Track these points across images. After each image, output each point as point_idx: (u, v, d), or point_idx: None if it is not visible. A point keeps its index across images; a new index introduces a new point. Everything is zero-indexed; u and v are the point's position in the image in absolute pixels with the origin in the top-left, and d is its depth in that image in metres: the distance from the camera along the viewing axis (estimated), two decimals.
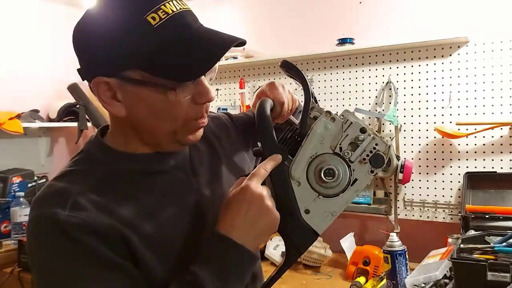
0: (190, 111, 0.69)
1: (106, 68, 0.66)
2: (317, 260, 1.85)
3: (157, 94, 0.66)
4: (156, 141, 0.73)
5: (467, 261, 1.20)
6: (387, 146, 0.68)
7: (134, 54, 0.64)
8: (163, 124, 0.69)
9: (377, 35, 2.01)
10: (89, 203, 0.65)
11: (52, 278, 0.63)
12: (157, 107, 0.67)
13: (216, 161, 0.86)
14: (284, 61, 0.79)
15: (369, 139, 0.68)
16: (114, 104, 0.68)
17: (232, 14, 2.48)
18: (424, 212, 1.93)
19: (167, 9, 0.64)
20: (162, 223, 0.71)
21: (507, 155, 1.76)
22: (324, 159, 0.69)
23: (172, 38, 0.64)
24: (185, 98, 0.67)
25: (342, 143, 0.68)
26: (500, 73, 1.77)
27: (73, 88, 2.79)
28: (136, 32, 0.63)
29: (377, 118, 2.00)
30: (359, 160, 0.68)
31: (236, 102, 2.42)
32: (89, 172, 0.70)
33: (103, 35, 0.65)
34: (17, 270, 1.95)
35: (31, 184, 2.40)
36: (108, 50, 0.65)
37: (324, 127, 0.69)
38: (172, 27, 0.64)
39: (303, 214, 0.69)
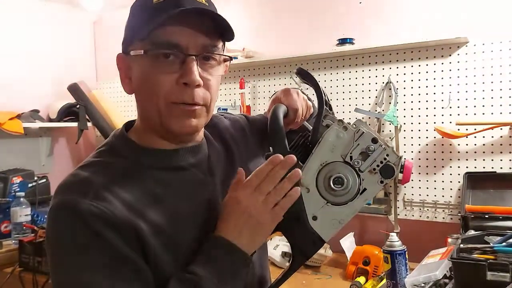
0: (172, 91, 0.70)
1: (124, 44, 0.75)
2: (317, 260, 1.85)
3: (144, 62, 0.71)
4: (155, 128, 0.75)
5: (467, 261, 1.21)
6: (398, 158, 0.69)
7: (136, 28, 0.72)
8: (149, 102, 0.72)
9: (377, 35, 2.01)
10: (110, 194, 0.67)
11: (66, 263, 0.65)
12: (144, 78, 0.72)
13: (232, 163, 0.87)
14: (299, 68, 0.81)
15: (380, 149, 0.68)
16: (125, 82, 0.76)
17: (232, 14, 2.48)
18: (424, 212, 1.93)
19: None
20: (175, 219, 0.72)
21: (507, 155, 1.76)
22: (334, 167, 0.69)
23: (161, 11, 0.68)
24: (167, 72, 0.70)
25: (353, 152, 0.69)
26: (500, 73, 1.77)
27: (73, 88, 2.80)
28: (140, 9, 0.72)
29: (377, 118, 2.00)
30: (369, 170, 0.69)
31: (236, 102, 2.42)
32: (112, 164, 0.73)
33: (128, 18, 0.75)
34: (18, 270, 1.95)
35: (31, 184, 2.40)
36: (126, 29, 0.75)
37: (336, 136, 0.70)
38: (166, 4, 0.69)
39: (310, 220, 0.69)
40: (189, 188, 0.77)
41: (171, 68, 0.70)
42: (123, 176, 0.71)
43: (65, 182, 0.70)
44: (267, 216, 0.68)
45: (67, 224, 0.65)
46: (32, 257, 1.90)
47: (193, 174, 0.78)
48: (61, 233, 0.66)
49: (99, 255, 0.64)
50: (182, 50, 0.69)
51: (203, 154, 0.81)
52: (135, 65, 0.73)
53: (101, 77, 3.07)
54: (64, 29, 2.92)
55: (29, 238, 1.97)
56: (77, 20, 3.00)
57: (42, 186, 2.45)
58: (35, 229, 2.02)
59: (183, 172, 0.77)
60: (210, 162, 0.82)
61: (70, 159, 2.94)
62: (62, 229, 0.66)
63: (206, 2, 0.72)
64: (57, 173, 2.72)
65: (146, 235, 0.67)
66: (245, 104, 2.35)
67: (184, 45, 0.69)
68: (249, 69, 2.39)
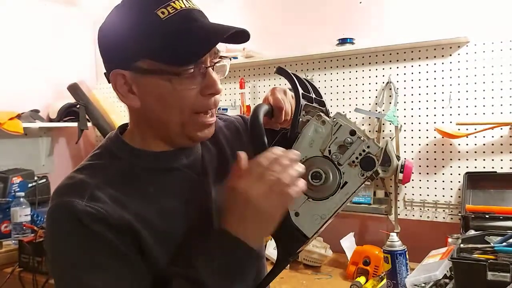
0: (197, 103, 0.72)
1: (121, 60, 0.72)
2: (317, 260, 1.85)
3: (164, 82, 0.70)
4: (167, 135, 0.76)
5: (467, 261, 1.21)
6: (380, 149, 0.68)
7: (144, 45, 0.69)
8: (171, 115, 0.72)
9: (377, 35, 2.01)
10: (106, 196, 0.69)
11: (65, 263, 0.66)
12: (165, 96, 0.71)
13: (224, 164, 0.87)
14: (278, 67, 0.79)
15: (359, 141, 0.67)
16: (129, 97, 0.73)
17: (232, 14, 2.48)
18: (424, 212, 1.93)
19: (176, 6, 0.70)
20: (170, 219, 0.73)
21: (507, 155, 1.76)
22: (314, 163, 0.68)
23: (177, 29, 0.68)
24: (191, 88, 0.71)
25: (331, 146, 0.68)
26: (500, 73, 1.77)
27: (73, 88, 2.80)
28: (146, 25, 0.69)
29: (377, 118, 2.00)
30: (349, 163, 0.68)
31: (236, 102, 2.42)
32: (107, 166, 0.74)
33: (119, 29, 0.72)
34: (18, 270, 1.95)
35: (31, 184, 2.40)
36: (122, 43, 0.71)
37: (314, 131, 0.69)
38: (178, 20, 0.69)
39: (292, 216, 0.69)
40: (182, 188, 0.78)
41: (194, 82, 0.71)
42: (118, 177, 0.73)
43: (62, 185, 0.71)
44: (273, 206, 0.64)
45: (65, 225, 0.67)
46: (32, 257, 1.90)
47: (187, 175, 0.79)
48: (59, 234, 0.68)
49: (97, 254, 0.66)
50: (202, 64, 0.72)
51: (197, 154, 0.83)
52: (144, 82, 0.71)
53: (101, 77, 3.07)
54: (64, 29, 2.92)
55: (29, 238, 1.97)
56: (77, 20, 3.00)
57: (42, 186, 2.45)
58: (35, 229, 2.03)
59: (176, 173, 0.78)
60: (204, 163, 0.83)
61: (70, 159, 2.94)
62: (60, 230, 0.68)
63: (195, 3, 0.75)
64: (57, 173, 2.72)
65: (142, 232, 0.69)
66: (245, 104, 2.35)
67: (205, 59, 0.72)
68: (249, 69, 2.39)
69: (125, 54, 0.71)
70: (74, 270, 0.65)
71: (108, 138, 0.81)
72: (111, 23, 0.74)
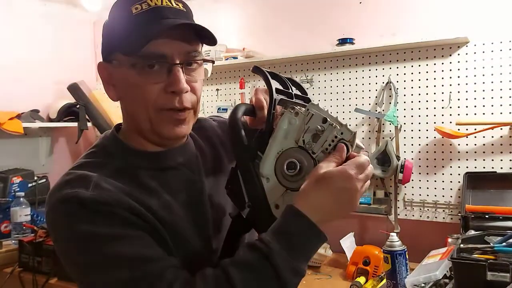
0: (159, 100, 0.73)
1: (104, 53, 0.77)
2: (317, 260, 1.85)
3: (130, 75, 0.72)
4: (143, 132, 0.77)
5: (467, 261, 1.21)
6: (352, 134, 0.68)
7: (116, 38, 0.73)
8: (138, 110, 0.74)
9: (377, 35, 2.01)
10: (109, 185, 0.69)
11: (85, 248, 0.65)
12: (131, 89, 0.73)
13: (219, 165, 0.89)
14: (254, 66, 0.80)
15: (330, 128, 0.67)
16: (110, 89, 0.78)
17: (232, 14, 2.48)
18: (424, 212, 1.93)
19: (151, 3, 0.72)
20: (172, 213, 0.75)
21: (507, 155, 1.76)
22: (290, 154, 0.69)
23: (139, 23, 0.71)
24: (153, 83, 0.72)
25: (305, 136, 0.69)
26: (500, 73, 1.77)
27: (73, 88, 2.80)
28: (120, 19, 0.73)
29: (377, 118, 2.00)
30: (322, 151, 0.68)
31: (236, 102, 2.42)
32: (104, 164, 0.75)
33: (105, 25, 0.77)
34: (18, 270, 1.95)
35: (31, 184, 2.40)
36: (105, 37, 0.77)
37: (288, 123, 0.70)
38: (146, 15, 0.71)
39: (273, 209, 0.69)
40: (180, 186, 0.79)
41: (158, 78, 0.72)
42: (117, 173, 0.74)
43: (61, 182, 0.71)
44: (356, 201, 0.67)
45: (75, 213, 0.66)
46: (32, 257, 1.90)
47: (182, 173, 0.81)
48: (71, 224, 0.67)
49: (115, 228, 0.66)
50: (167, 60, 0.72)
51: (191, 153, 0.85)
52: (119, 75, 0.75)
53: None
54: (64, 29, 2.92)
55: (29, 238, 1.97)
56: (77, 20, 3.00)
57: (42, 186, 2.45)
58: (35, 229, 2.03)
59: (172, 171, 0.80)
60: (198, 162, 0.85)
61: (70, 159, 2.94)
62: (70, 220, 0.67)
63: (183, 7, 0.75)
64: (57, 173, 2.71)
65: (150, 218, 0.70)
66: None
67: (169, 55, 0.72)
68: (249, 69, 2.38)
69: (106, 48, 0.77)
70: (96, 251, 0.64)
71: (103, 137, 0.81)
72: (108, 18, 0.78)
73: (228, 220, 0.78)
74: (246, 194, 0.70)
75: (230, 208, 0.83)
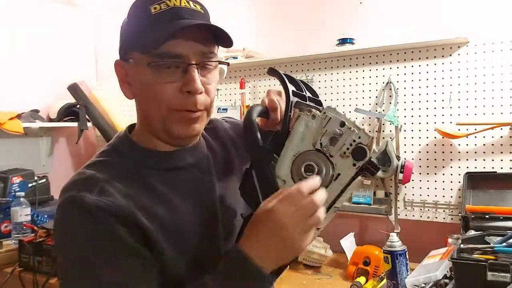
0: (174, 99, 0.73)
1: (121, 51, 0.78)
2: (317, 260, 1.85)
3: (146, 74, 0.72)
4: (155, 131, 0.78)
5: (467, 261, 1.20)
6: (370, 138, 0.68)
7: (134, 37, 0.74)
8: (152, 109, 0.75)
9: (377, 35, 2.01)
10: (115, 190, 0.70)
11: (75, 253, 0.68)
12: (146, 88, 0.74)
13: (230, 166, 0.89)
14: (270, 68, 0.81)
15: (348, 132, 0.68)
16: (125, 87, 0.78)
17: (232, 15, 2.48)
18: (424, 212, 1.93)
19: (170, 3, 0.72)
20: (179, 216, 0.75)
21: (507, 155, 1.76)
22: (307, 156, 0.69)
23: (157, 22, 0.71)
24: (169, 82, 0.72)
25: (322, 139, 0.69)
26: (500, 73, 1.77)
27: (73, 88, 2.80)
28: (138, 18, 0.74)
29: (377, 118, 2.00)
30: (340, 154, 0.68)
31: (237, 102, 2.42)
32: (115, 163, 0.76)
33: (123, 24, 0.78)
34: (18, 270, 1.95)
35: (31, 184, 2.40)
36: (123, 35, 0.78)
37: (305, 125, 0.70)
38: (164, 15, 0.71)
39: None
40: (189, 187, 0.80)
41: (173, 78, 0.72)
42: (125, 175, 0.74)
43: (71, 181, 0.73)
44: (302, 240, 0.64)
45: (75, 218, 0.68)
46: (32, 257, 1.90)
47: (193, 174, 0.81)
48: (69, 225, 0.69)
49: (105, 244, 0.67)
50: (183, 60, 0.72)
51: (203, 154, 0.85)
52: (135, 73, 0.75)
53: (101, 77, 3.07)
54: (64, 29, 2.92)
55: (29, 238, 1.97)
56: (77, 20, 3.00)
57: (42, 186, 2.45)
58: (35, 229, 2.02)
59: (183, 172, 0.80)
60: (209, 162, 0.85)
61: (70, 159, 2.94)
62: (70, 222, 0.69)
63: (201, 9, 0.76)
64: (57, 173, 2.71)
65: (149, 228, 0.70)
66: (245, 104, 2.35)
67: (185, 55, 0.72)
68: (249, 69, 2.39)
69: (123, 46, 0.77)
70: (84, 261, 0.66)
71: (116, 137, 0.83)
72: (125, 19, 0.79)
73: (239, 221, 0.79)
74: (261, 195, 0.70)
75: (241, 209, 0.83)
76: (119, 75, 0.78)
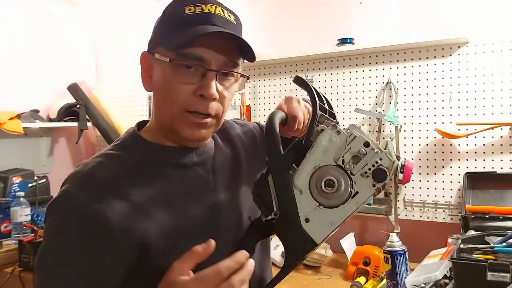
0: (187, 101, 0.74)
1: (150, 44, 0.79)
2: (317, 260, 1.85)
3: (166, 70, 0.74)
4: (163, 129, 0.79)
5: (467, 261, 1.20)
6: (392, 162, 0.68)
7: (163, 33, 0.76)
8: (164, 105, 0.76)
9: (377, 35, 2.01)
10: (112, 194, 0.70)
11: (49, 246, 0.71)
12: (164, 84, 0.75)
13: (238, 167, 0.90)
14: (296, 76, 0.83)
15: (372, 153, 0.68)
16: (146, 79, 0.80)
17: None
18: (424, 212, 1.93)
19: (205, 8, 0.74)
20: (176, 213, 0.75)
21: (507, 155, 1.76)
22: (327, 171, 0.69)
23: (188, 23, 0.73)
24: (185, 83, 0.73)
25: (345, 156, 0.69)
26: (500, 73, 1.77)
27: (73, 88, 2.80)
28: (171, 16, 0.76)
29: (377, 118, 2.00)
30: (361, 173, 0.69)
31: (236, 102, 2.42)
32: (121, 157, 0.78)
33: (158, 19, 0.79)
34: (18, 270, 1.95)
35: (31, 184, 2.40)
36: (155, 30, 0.79)
37: (329, 140, 0.70)
38: (196, 18, 0.73)
39: (303, 222, 0.70)
40: (190, 185, 0.80)
41: (191, 79, 0.74)
42: (128, 170, 0.75)
43: (75, 172, 0.74)
44: None
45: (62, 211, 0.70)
46: (32, 257, 1.90)
47: (196, 173, 0.82)
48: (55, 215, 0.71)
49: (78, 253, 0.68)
50: (204, 65, 0.73)
51: (208, 154, 0.85)
52: (157, 68, 0.77)
53: (101, 77, 3.07)
54: (64, 29, 2.92)
55: (29, 238, 1.97)
56: (77, 20, 3.00)
57: (42, 186, 2.45)
58: (35, 229, 2.02)
59: (186, 170, 0.81)
60: (215, 163, 0.85)
61: (70, 159, 2.94)
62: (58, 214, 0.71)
63: (234, 20, 0.78)
64: (57, 173, 2.71)
65: (150, 237, 0.70)
66: (245, 104, 2.35)
67: (207, 60, 0.74)
68: (249, 69, 2.39)
69: (153, 40, 0.79)
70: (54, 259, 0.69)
71: (126, 132, 0.85)
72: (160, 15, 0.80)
73: (244, 223, 0.80)
74: (275, 202, 0.70)
75: (247, 211, 0.84)
76: (143, 67, 0.80)
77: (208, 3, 0.74)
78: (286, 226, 0.70)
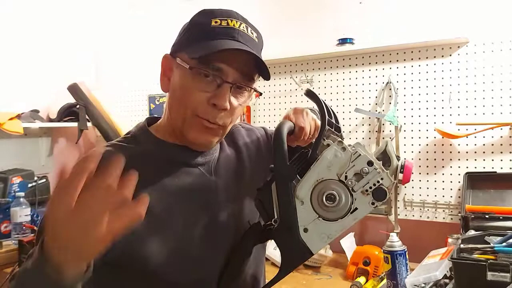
0: (200, 107, 0.77)
1: (173, 48, 0.83)
2: (317, 260, 1.85)
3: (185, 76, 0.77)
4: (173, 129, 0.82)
5: (467, 261, 1.21)
6: (392, 182, 0.71)
7: (187, 40, 0.80)
8: (178, 107, 0.79)
9: (377, 35, 2.01)
10: None
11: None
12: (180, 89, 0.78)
13: (241, 171, 0.92)
14: (307, 89, 0.84)
15: (375, 172, 0.70)
16: (164, 80, 0.83)
17: None
18: (424, 212, 1.93)
19: (231, 23, 0.78)
20: (170, 209, 0.77)
21: (507, 155, 1.76)
22: (329, 185, 0.71)
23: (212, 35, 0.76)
24: (201, 90, 0.76)
25: (348, 172, 0.71)
26: (500, 73, 1.77)
27: (73, 88, 2.79)
28: (198, 25, 0.79)
29: (377, 118, 2.00)
30: (362, 191, 0.71)
31: None
32: (128, 148, 0.81)
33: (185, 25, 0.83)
34: None
35: (31, 185, 2.40)
36: (180, 35, 0.83)
37: (334, 155, 0.72)
38: (220, 31, 0.77)
39: (301, 231, 0.72)
40: (192, 184, 0.82)
41: (207, 88, 0.77)
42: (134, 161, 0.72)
43: None
44: None
45: None
46: None
47: (198, 172, 0.84)
48: None
49: None
50: (222, 76, 0.77)
51: (213, 156, 0.88)
52: (177, 71, 0.80)
53: (101, 77, 3.07)
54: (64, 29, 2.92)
55: (29, 238, 1.97)
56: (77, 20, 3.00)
57: (42, 186, 2.45)
58: (35, 229, 2.03)
59: (189, 169, 0.83)
60: (218, 164, 0.88)
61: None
62: None
63: (256, 37, 0.81)
64: None
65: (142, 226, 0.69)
66: None
67: (225, 72, 0.77)
68: None
69: (176, 44, 0.82)
70: None
71: (136, 126, 0.88)
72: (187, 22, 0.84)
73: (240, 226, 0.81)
74: (277, 210, 0.72)
75: (248, 215, 0.86)
76: (163, 68, 0.83)
77: (234, 18, 0.79)
78: (285, 234, 0.72)
